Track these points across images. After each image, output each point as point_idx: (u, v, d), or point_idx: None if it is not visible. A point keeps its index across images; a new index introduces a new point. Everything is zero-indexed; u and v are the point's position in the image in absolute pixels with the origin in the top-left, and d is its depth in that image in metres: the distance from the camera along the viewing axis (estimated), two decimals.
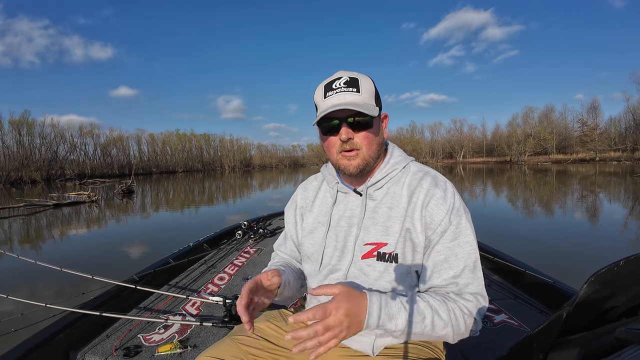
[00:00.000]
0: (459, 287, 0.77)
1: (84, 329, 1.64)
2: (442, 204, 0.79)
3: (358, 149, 0.81)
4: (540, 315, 1.80)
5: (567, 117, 67.83)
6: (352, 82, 0.80)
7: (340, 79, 0.80)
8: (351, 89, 0.79)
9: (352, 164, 0.81)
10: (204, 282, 2.41)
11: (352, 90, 0.79)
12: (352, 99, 0.78)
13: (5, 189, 30.91)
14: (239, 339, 0.87)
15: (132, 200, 16.32)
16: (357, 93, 0.79)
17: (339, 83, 0.80)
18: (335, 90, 0.80)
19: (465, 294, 0.77)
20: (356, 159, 0.81)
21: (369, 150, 0.82)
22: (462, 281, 0.77)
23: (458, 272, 0.77)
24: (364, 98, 0.80)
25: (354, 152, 0.81)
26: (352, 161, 0.81)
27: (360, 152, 0.81)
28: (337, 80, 0.80)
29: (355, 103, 0.77)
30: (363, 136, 0.80)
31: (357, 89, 0.79)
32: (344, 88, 0.79)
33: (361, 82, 0.80)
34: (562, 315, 0.54)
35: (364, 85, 0.80)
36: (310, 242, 0.93)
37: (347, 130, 0.79)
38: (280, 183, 29.02)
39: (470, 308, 0.75)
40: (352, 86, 0.79)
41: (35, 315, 1.93)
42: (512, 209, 10.30)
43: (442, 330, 0.72)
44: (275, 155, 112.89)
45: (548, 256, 4.87)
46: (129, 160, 66.61)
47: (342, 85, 0.80)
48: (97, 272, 2.00)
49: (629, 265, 0.51)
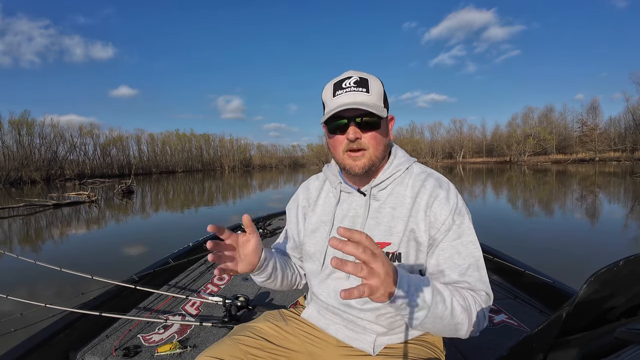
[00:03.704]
0: (468, 285, 0.77)
1: (83, 329, 1.63)
2: (445, 204, 0.80)
3: (365, 149, 0.81)
4: (540, 315, 1.80)
5: (566, 117, 68.06)
6: (362, 82, 0.80)
7: (351, 78, 0.80)
8: (361, 89, 0.79)
9: (358, 164, 0.81)
10: (203, 282, 2.41)
11: (362, 90, 0.79)
12: (362, 99, 0.78)
13: (4, 189, 30.90)
14: (238, 339, 0.87)
15: (131, 201, 16.31)
16: (367, 93, 0.79)
17: (349, 82, 0.80)
18: (345, 89, 0.80)
19: (475, 289, 0.77)
20: (362, 159, 0.81)
21: (376, 151, 0.82)
22: (468, 279, 0.77)
23: (463, 271, 0.77)
24: (373, 99, 0.80)
25: (360, 152, 0.81)
26: (357, 161, 0.81)
27: (367, 153, 0.81)
28: (347, 80, 0.80)
29: (365, 103, 0.77)
30: (371, 136, 0.80)
31: (367, 89, 0.79)
32: (354, 88, 0.79)
33: (371, 83, 0.80)
34: (561, 315, 0.54)
35: (373, 86, 0.80)
36: (313, 242, 0.93)
37: (355, 129, 0.79)
38: (280, 183, 29.03)
39: (481, 302, 0.75)
40: (362, 86, 0.79)
41: (35, 315, 1.92)
42: (512, 209, 10.30)
43: (460, 315, 0.69)
44: (275, 156, 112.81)
45: (548, 256, 4.87)
46: (128, 160, 66.61)
47: (352, 84, 0.79)
48: (96, 272, 2.00)
49: (629, 265, 0.51)
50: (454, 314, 0.68)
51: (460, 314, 0.69)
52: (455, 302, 0.69)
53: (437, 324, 0.68)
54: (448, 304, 0.67)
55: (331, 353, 0.89)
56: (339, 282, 0.87)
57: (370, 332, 0.85)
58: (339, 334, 0.89)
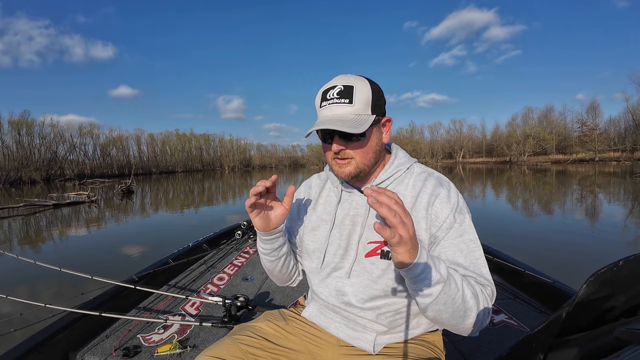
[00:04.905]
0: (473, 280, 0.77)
1: (83, 329, 1.63)
2: (446, 203, 0.80)
3: (351, 158, 0.82)
4: (540, 315, 1.80)
5: (566, 118, 68.08)
6: (346, 92, 0.79)
7: (335, 88, 0.80)
8: (343, 100, 0.78)
9: (344, 171, 0.82)
10: (203, 282, 2.41)
11: (344, 102, 0.78)
12: (343, 112, 0.78)
13: (4, 189, 30.88)
14: (238, 339, 0.87)
15: (131, 201, 16.30)
16: (349, 104, 0.78)
17: (333, 93, 0.79)
18: (329, 101, 0.80)
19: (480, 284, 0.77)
20: (348, 167, 0.82)
21: (363, 159, 0.82)
22: (471, 277, 0.77)
23: (465, 269, 0.77)
24: (357, 109, 0.79)
25: (346, 160, 0.82)
26: (343, 168, 0.82)
27: (353, 161, 0.82)
28: (331, 90, 0.80)
29: (343, 118, 0.77)
30: (355, 147, 0.81)
31: (349, 99, 0.78)
32: (336, 100, 0.79)
33: (356, 91, 0.79)
34: (561, 315, 0.54)
35: (358, 94, 0.79)
36: (312, 240, 0.93)
37: (338, 143, 0.80)
38: (279, 183, 28.94)
39: (487, 294, 0.75)
40: (345, 97, 0.78)
41: (35, 315, 1.92)
42: (512, 209, 10.30)
43: (470, 300, 0.70)
44: (275, 156, 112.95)
45: (548, 256, 4.87)
46: (128, 161, 66.67)
47: (335, 96, 0.79)
48: (96, 272, 1.99)
49: (628, 265, 0.51)
50: (465, 298, 0.70)
51: (470, 299, 0.70)
52: (465, 286, 0.71)
53: (449, 306, 0.69)
54: (460, 286, 0.70)
55: (331, 352, 0.89)
56: (339, 280, 0.87)
57: (371, 331, 0.85)
58: (340, 333, 0.89)
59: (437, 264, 0.68)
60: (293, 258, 1.01)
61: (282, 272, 0.98)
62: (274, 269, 0.97)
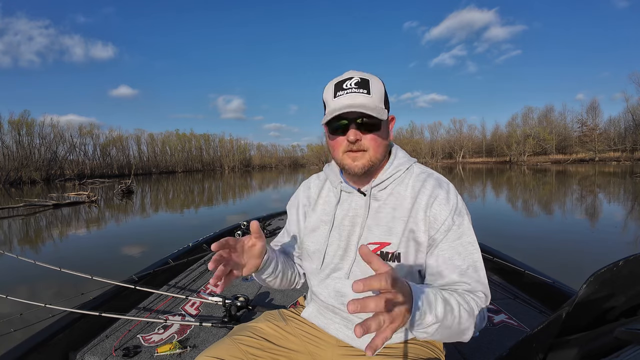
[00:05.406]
0: (468, 287, 0.77)
1: (83, 329, 1.63)
2: (445, 205, 0.80)
3: (365, 150, 0.81)
4: (540, 315, 1.80)
5: (566, 118, 68.13)
6: (363, 83, 0.79)
7: (352, 79, 0.80)
8: (362, 90, 0.78)
9: (357, 164, 0.81)
10: (203, 282, 2.40)
11: (363, 92, 0.78)
12: (363, 101, 0.78)
13: (4, 189, 30.88)
14: (238, 339, 0.87)
15: (131, 201, 16.31)
16: (368, 95, 0.78)
17: (350, 83, 0.79)
18: (346, 90, 0.79)
19: (474, 291, 0.77)
20: (362, 160, 0.81)
21: (376, 152, 0.81)
22: (467, 280, 0.77)
23: (463, 272, 0.77)
24: (374, 100, 0.79)
25: (360, 152, 0.81)
26: (357, 162, 0.81)
27: (367, 154, 0.81)
28: (348, 80, 0.80)
29: (365, 105, 0.77)
30: (371, 138, 0.80)
31: (367, 90, 0.79)
32: (354, 89, 0.79)
33: (372, 84, 0.80)
34: (561, 315, 0.54)
35: (374, 88, 0.80)
36: (312, 241, 0.93)
37: (355, 131, 0.78)
38: (279, 183, 29.02)
39: (481, 304, 0.75)
40: (363, 87, 0.79)
41: (35, 315, 1.92)
42: (512, 209, 10.31)
43: (466, 321, 0.69)
44: (275, 156, 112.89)
45: (548, 256, 4.87)
46: (128, 161, 66.70)
47: (353, 85, 0.79)
48: (96, 272, 1.99)
49: (628, 265, 0.51)
50: (461, 322, 0.68)
51: (466, 321, 0.69)
52: (462, 310, 0.68)
53: (445, 333, 0.67)
54: (456, 313, 0.67)
55: (331, 352, 0.89)
56: (339, 281, 0.87)
57: None
58: (339, 333, 0.89)
59: (432, 304, 0.63)
60: (290, 267, 0.99)
61: (284, 282, 0.97)
62: (275, 284, 0.96)
